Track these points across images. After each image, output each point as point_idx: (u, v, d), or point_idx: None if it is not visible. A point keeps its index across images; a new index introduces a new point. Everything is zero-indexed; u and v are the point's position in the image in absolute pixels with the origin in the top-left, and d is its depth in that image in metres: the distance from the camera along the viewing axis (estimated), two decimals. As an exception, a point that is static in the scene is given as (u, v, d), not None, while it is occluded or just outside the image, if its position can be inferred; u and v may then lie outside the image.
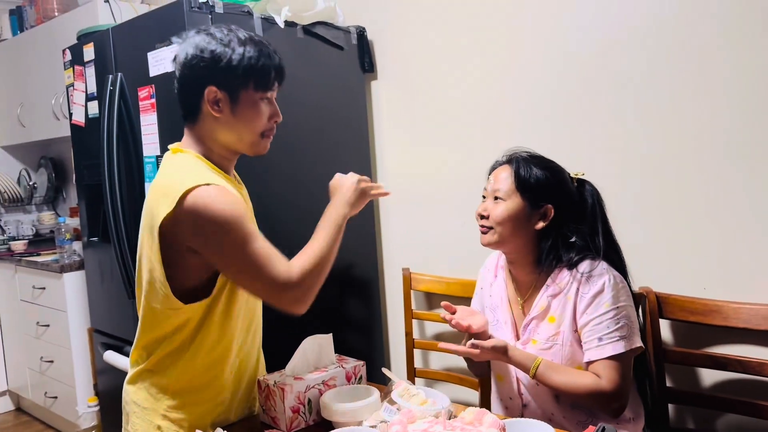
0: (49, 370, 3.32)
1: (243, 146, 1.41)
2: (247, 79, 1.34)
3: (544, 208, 1.52)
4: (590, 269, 1.49)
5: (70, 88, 2.61)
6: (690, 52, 1.77)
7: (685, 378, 1.86)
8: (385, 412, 1.42)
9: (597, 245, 1.53)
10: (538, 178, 1.52)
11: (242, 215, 1.31)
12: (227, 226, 1.28)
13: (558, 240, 1.53)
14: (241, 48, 1.34)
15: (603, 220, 1.57)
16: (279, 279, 1.31)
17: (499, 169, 1.58)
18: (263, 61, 1.36)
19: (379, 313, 2.62)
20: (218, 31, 1.36)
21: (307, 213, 2.28)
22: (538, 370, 1.45)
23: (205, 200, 1.28)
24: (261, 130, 1.40)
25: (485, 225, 1.55)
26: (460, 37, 2.27)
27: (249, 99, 1.36)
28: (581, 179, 1.60)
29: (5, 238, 3.88)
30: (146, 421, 1.45)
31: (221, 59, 1.33)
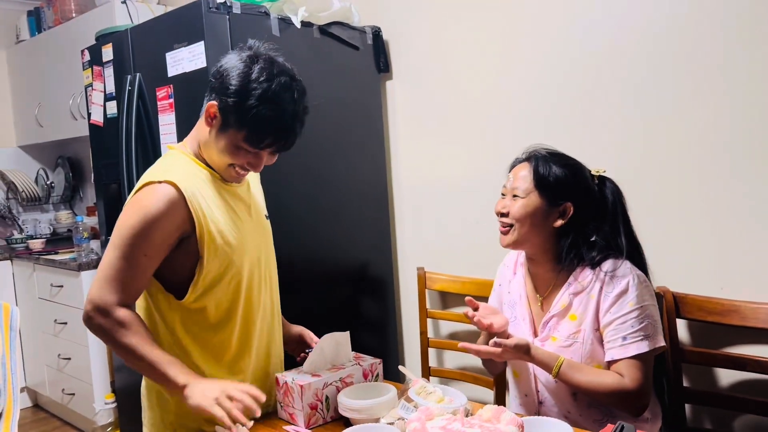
0: (66, 367, 3.36)
1: (211, 163, 1.44)
2: (242, 128, 1.35)
3: (563, 205, 1.52)
4: (614, 268, 1.48)
5: (88, 88, 2.64)
6: (715, 45, 1.77)
7: (702, 378, 1.86)
8: (402, 409, 1.43)
9: (619, 244, 1.53)
10: (557, 176, 1.52)
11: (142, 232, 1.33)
12: (121, 225, 1.35)
13: (578, 238, 1.52)
14: (257, 102, 1.31)
15: (624, 219, 1.56)
16: (92, 297, 1.35)
17: (518, 166, 1.58)
18: (267, 127, 1.34)
19: (393, 312, 2.63)
20: (259, 72, 1.33)
21: (322, 211, 2.31)
22: (560, 370, 1.45)
23: (138, 199, 1.36)
24: (229, 163, 1.41)
25: (504, 222, 1.55)
26: (474, 37, 2.28)
27: (233, 139, 1.37)
28: (602, 176, 1.59)
29: (23, 237, 3.93)
30: (156, 414, 1.51)
31: (234, 96, 1.33)
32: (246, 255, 1.47)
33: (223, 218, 1.42)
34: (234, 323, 1.48)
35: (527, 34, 2.14)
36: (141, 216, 1.33)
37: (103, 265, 1.36)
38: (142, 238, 1.33)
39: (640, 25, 1.89)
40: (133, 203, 1.37)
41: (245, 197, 1.53)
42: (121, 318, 1.34)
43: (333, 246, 2.37)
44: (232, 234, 1.43)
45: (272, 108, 1.33)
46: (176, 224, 1.36)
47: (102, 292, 1.34)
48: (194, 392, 1.30)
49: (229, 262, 1.43)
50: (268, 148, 1.39)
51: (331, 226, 2.35)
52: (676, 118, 1.84)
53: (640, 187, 1.90)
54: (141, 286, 1.39)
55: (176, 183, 1.35)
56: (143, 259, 1.35)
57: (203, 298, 1.43)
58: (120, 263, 1.34)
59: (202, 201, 1.38)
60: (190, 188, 1.37)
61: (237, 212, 1.48)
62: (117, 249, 1.34)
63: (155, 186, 1.36)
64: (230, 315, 1.47)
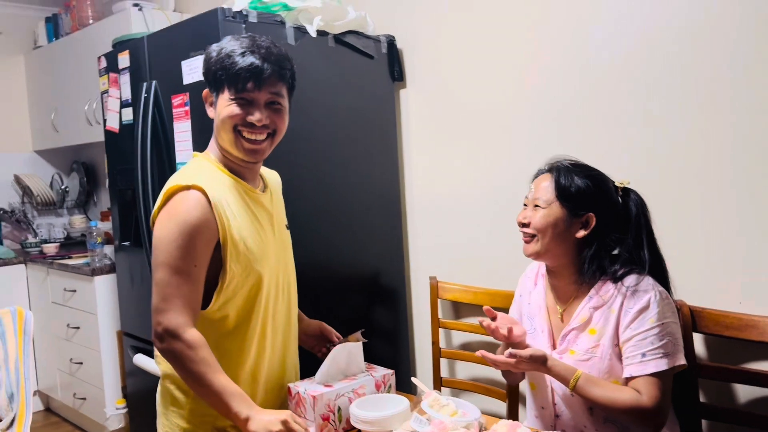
0: (78, 371, 3.37)
1: (228, 147, 1.45)
2: (221, 84, 1.41)
3: (585, 216, 1.51)
4: (636, 284, 1.47)
5: (104, 95, 2.66)
6: (737, 56, 1.75)
7: (719, 393, 1.83)
8: (415, 422, 1.42)
9: (642, 257, 1.51)
10: (579, 187, 1.50)
11: (187, 243, 1.34)
12: (165, 242, 1.35)
13: (601, 250, 1.51)
14: (216, 55, 1.41)
15: (648, 231, 1.54)
16: (161, 320, 1.35)
17: (540, 177, 1.57)
18: (234, 65, 1.38)
19: (405, 322, 2.62)
20: (224, 41, 1.44)
21: (335, 219, 2.31)
22: (578, 383, 1.43)
23: (173, 208, 1.37)
24: (232, 125, 1.41)
25: (527, 232, 1.55)
26: (489, 46, 2.27)
27: (223, 100, 1.42)
28: (626, 188, 1.57)
29: (38, 241, 3.96)
30: (170, 421, 1.51)
31: (205, 65, 1.44)
32: (267, 263, 1.48)
33: (246, 225, 1.43)
34: (253, 331, 1.48)
35: (543, 42, 2.13)
36: (181, 227, 1.34)
37: (160, 286, 1.35)
38: (187, 249, 1.34)
39: (659, 33, 1.87)
40: (168, 214, 1.37)
41: (268, 206, 1.54)
42: (191, 341, 1.33)
43: (346, 255, 2.36)
44: (255, 241, 1.44)
45: (229, 51, 1.39)
46: (212, 230, 1.37)
47: (169, 315, 1.33)
48: (258, 427, 1.31)
49: (251, 269, 1.43)
50: (248, 84, 1.38)
51: (344, 235, 2.35)
52: (698, 130, 1.82)
53: (657, 199, 1.88)
54: (199, 299, 1.38)
55: (203, 188, 1.37)
56: (194, 270, 1.35)
57: (225, 306, 1.43)
58: (176, 279, 1.34)
59: (226, 207, 1.39)
60: (216, 194, 1.38)
61: (260, 220, 1.49)
62: (167, 266, 1.34)
63: (185, 193, 1.37)
64: (248, 323, 1.47)
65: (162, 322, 1.34)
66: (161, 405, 1.54)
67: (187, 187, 1.37)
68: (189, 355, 1.33)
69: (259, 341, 1.50)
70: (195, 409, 1.46)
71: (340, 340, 1.65)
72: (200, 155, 1.51)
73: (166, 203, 1.39)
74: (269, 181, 1.61)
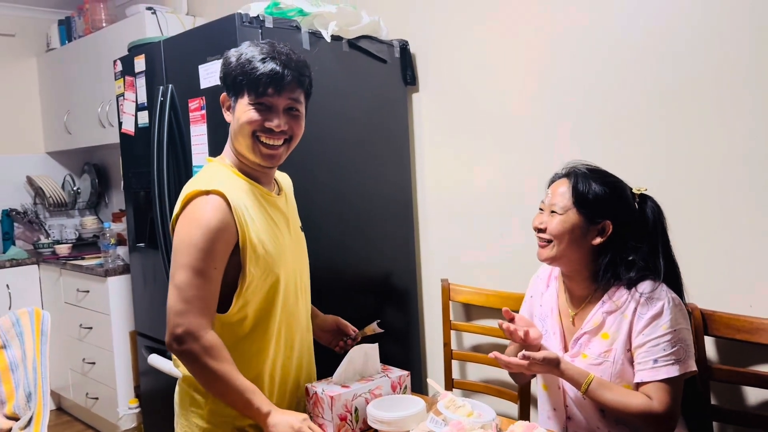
0: (91, 371, 3.41)
1: (245, 152, 1.46)
2: (241, 88, 1.42)
3: (602, 223, 1.51)
4: (650, 290, 1.48)
5: (120, 98, 2.69)
6: (737, 59, 1.77)
7: (730, 396, 1.85)
8: (431, 423, 1.44)
9: (657, 266, 1.52)
10: (597, 194, 1.51)
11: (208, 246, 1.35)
12: (186, 244, 1.37)
13: (617, 257, 1.52)
14: (235, 59, 1.42)
15: (664, 239, 1.55)
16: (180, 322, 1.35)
17: (557, 182, 1.57)
18: (254, 69, 1.40)
19: (417, 323, 2.64)
20: (243, 46, 1.45)
21: (347, 221, 2.33)
22: (590, 387, 1.45)
23: (193, 212, 1.38)
24: (251, 131, 1.43)
25: (542, 237, 1.55)
26: (501, 50, 2.30)
27: (242, 104, 1.43)
28: (643, 195, 1.57)
29: (50, 242, 4.00)
30: (189, 421, 1.52)
31: (223, 69, 1.45)
32: (284, 265, 1.49)
33: (263, 228, 1.45)
34: (270, 333, 1.49)
35: (557, 46, 2.15)
36: (203, 230, 1.35)
37: (179, 287, 1.36)
38: (208, 251, 1.35)
39: (677, 35, 1.89)
40: (189, 218, 1.39)
41: (284, 209, 1.55)
42: (210, 342, 1.35)
43: (358, 256, 2.39)
44: (272, 244, 1.46)
45: (249, 56, 1.42)
46: (232, 233, 1.38)
47: (189, 316, 1.35)
48: (279, 421, 1.35)
49: (270, 272, 1.45)
50: (269, 89, 1.40)
51: (356, 237, 2.37)
52: (712, 135, 1.84)
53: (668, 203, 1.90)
54: (216, 301, 1.40)
55: (223, 192, 1.38)
56: (214, 273, 1.37)
57: (244, 309, 1.45)
58: (196, 281, 1.35)
59: (245, 211, 1.41)
60: (234, 198, 1.40)
61: (276, 223, 1.51)
62: (188, 268, 1.35)
63: (205, 198, 1.39)
64: (267, 324, 1.49)
65: (182, 323, 1.35)
66: (180, 406, 1.55)
67: (207, 192, 1.39)
68: (210, 355, 1.35)
69: (276, 342, 1.51)
70: (214, 409, 1.48)
71: (357, 333, 1.67)
72: (215, 160, 1.53)
73: (184, 208, 1.41)
74: (282, 184, 1.63)
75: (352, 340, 1.65)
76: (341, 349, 1.66)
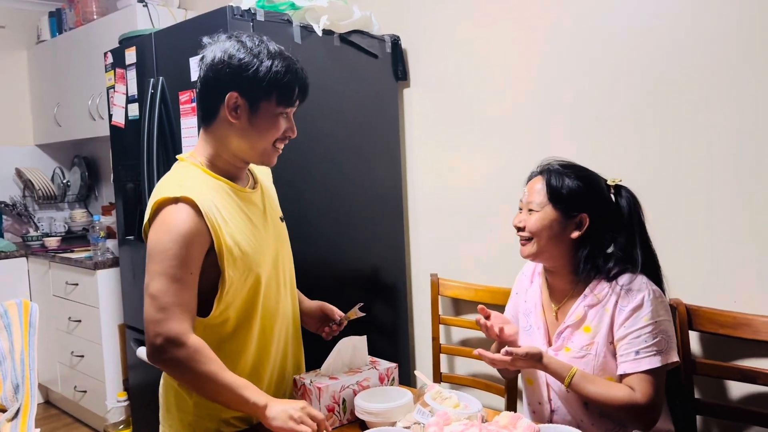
0: (79, 364, 3.40)
1: (253, 154, 1.43)
2: (271, 91, 1.37)
3: (578, 217, 1.54)
4: (630, 282, 1.50)
5: (110, 90, 2.68)
6: (723, 56, 1.79)
7: (713, 390, 1.87)
8: (418, 414, 1.45)
9: (634, 256, 1.54)
10: (570, 188, 1.53)
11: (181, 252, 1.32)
12: (158, 252, 1.33)
13: (594, 249, 1.54)
14: (269, 61, 1.36)
15: (641, 229, 1.57)
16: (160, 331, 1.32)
17: (533, 180, 1.60)
18: (289, 77, 1.37)
19: (406, 318, 2.65)
20: (249, 40, 1.38)
21: (337, 216, 2.34)
22: (573, 380, 1.47)
23: (164, 221, 1.34)
24: (274, 140, 1.42)
25: (522, 236, 1.58)
26: (492, 47, 2.31)
27: (269, 111, 1.38)
28: (618, 185, 1.60)
29: (39, 234, 3.98)
30: (174, 415, 1.51)
31: (248, 68, 1.35)
32: (264, 262, 1.47)
33: (238, 228, 1.41)
34: (253, 331, 1.48)
35: (545, 44, 2.17)
36: (174, 235, 1.32)
37: (154, 296, 1.33)
38: (182, 258, 1.32)
39: (655, 33, 1.91)
40: (159, 227, 1.35)
41: (258, 202, 1.52)
42: (193, 346, 1.32)
43: (347, 251, 2.40)
44: (249, 242, 1.43)
45: (282, 62, 1.37)
46: (205, 238, 1.35)
47: (169, 324, 1.31)
48: (277, 413, 1.32)
49: (249, 272, 1.43)
50: (298, 99, 1.41)
51: (346, 232, 2.38)
52: (689, 129, 1.87)
53: (654, 198, 1.92)
54: (195, 304, 1.37)
55: (192, 198, 1.34)
56: (191, 278, 1.34)
57: (226, 311, 1.42)
58: (173, 287, 1.32)
59: (217, 213, 1.37)
60: (206, 202, 1.36)
61: (252, 219, 1.47)
62: (163, 275, 1.32)
63: (174, 207, 1.34)
64: (249, 322, 1.47)
65: (161, 332, 1.31)
66: (165, 400, 1.54)
67: (176, 200, 1.34)
68: (196, 359, 1.32)
69: (260, 338, 1.50)
70: (200, 402, 1.47)
71: (342, 318, 1.66)
72: (186, 159, 1.47)
73: (155, 216, 1.36)
74: (258, 175, 1.59)
75: (337, 325, 1.64)
76: (327, 335, 1.64)
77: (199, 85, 1.42)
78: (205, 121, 1.43)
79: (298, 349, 1.66)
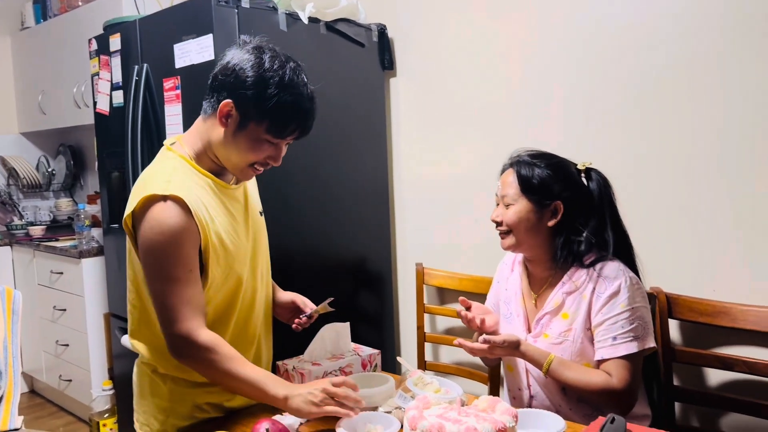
0: (64, 353, 3.39)
1: (228, 165, 1.41)
2: (264, 118, 1.33)
3: (552, 205, 1.55)
4: (607, 270, 1.52)
5: (95, 77, 2.66)
6: (709, 49, 1.81)
7: (692, 377, 1.90)
8: (399, 399, 1.46)
9: (606, 238, 1.56)
10: (542, 178, 1.55)
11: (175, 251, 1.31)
12: (153, 255, 1.32)
13: (571, 235, 1.56)
14: (275, 89, 1.31)
15: (611, 210, 1.58)
16: (173, 331, 1.32)
17: (505, 173, 1.62)
18: (290, 112, 1.33)
19: (391, 307, 2.66)
20: (270, 61, 1.33)
21: (323, 205, 2.35)
22: (551, 367, 1.49)
23: (154, 219, 1.31)
24: (251, 162, 1.39)
25: (501, 230, 1.59)
26: (479, 37, 2.31)
27: (255, 134, 1.34)
28: (588, 168, 1.61)
29: (23, 223, 3.95)
30: (149, 401, 1.51)
31: (251, 88, 1.31)
32: (243, 258, 1.47)
33: (222, 226, 1.40)
34: (230, 324, 1.47)
35: (532, 34, 2.17)
36: (168, 236, 1.30)
37: (161, 299, 1.32)
38: (178, 256, 1.31)
39: (643, 26, 1.92)
40: (150, 227, 1.32)
41: (240, 197, 1.51)
42: (207, 342, 1.32)
43: (333, 240, 2.40)
44: (231, 240, 1.42)
45: (291, 93, 1.32)
46: (196, 235, 1.34)
47: (179, 324, 1.31)
48: (298, 404, 1.31)
49: (230, 270, 1.42)
50: (291, 136, 1.37)
51: (332, 221, 2.39)
52: (673, 121, 1.88)
53: (636, 189, 1.94)
54: (202, 298, 1.36)
55: (182, 197, 1.31)
56: (191, 275, 1.33)
57: (206, 306, 1.41)
58: (174, 288, 1.31)
59: (204, 211, 1.36)
60: (193, 200, 1.34)
61: (234, 215, 1.46)
62: (164, 279, 1.32)
63: (162, 204, 1.31)
64: (227, 317, 1.47)
65: (173, 333, 1.32)
66: (139, 386, 1.53)
67: (164, 197, 1.31)
68: (211, 357, 1.32)
69: (234, 331, 1.49)
70: (175, 388, 1.47)
71: (313, 311, 1.64)
72: (174, 150, 1.43)
73: (142, 212, 1.33)
74: None
75: (308, 317, 1.62)
76: (297, 327, 1.63)
77: (211, 77, 1.39)
78: (205, 112, 1.40)
79: (269, 339, 1.64)
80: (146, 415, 1.51)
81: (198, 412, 1.48)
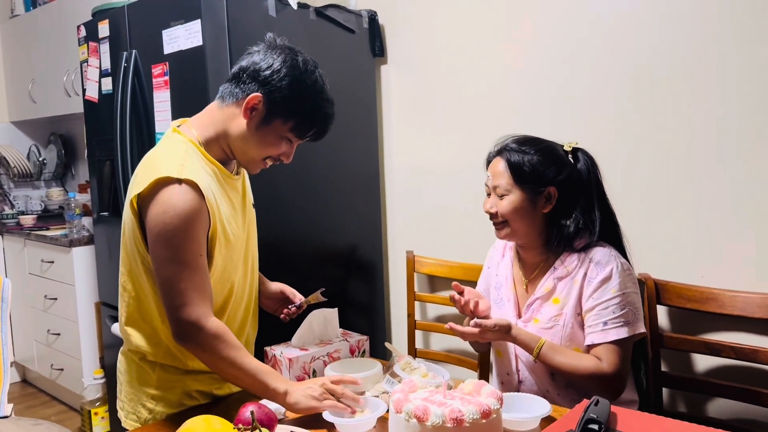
0: (55, 342, 3.38)
1: (241, 157, 1.42)
2: (291, 117, 1.37)
3: (546, 191, 1.54)
4: (599, 255, 1.52)
5: (84, 64, 2.64)
6: (705, 43, 1.80)
7: (680, 363, 1.91)
8: (387, 383, 1.47)
9: (593, 218, 1.55)
10: (533, 165, 1.53)
11: (188, 235, 1.30)
12: (165, 238, 1.30)
13: (564, 219, 1.55)
14: (309, 93, 1.38)
15: (598, 189, 1.58)
16: (180, 316, 1.32)
17: (493, 162, 1.60)
18: (316, 116, 1.40)
19: (382, 294, 2.66)
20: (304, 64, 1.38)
21: (314, 194, 2.34)
22: (541, 351, 1.49)
23: (166, 202, 1.29)
24: (266, 156, 1.42)
25: (496, 222, 1.58)
26: (470, 24, 2.30)
27: (278, 130, 1.38)
28: (575, 148, 1.60)
29: (14, 212, 3.94)
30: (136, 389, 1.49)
31: (287, 88, 1.35)
32: (240, 248, 1.48)
33: (225, 215, 1.41)
34: (224, 315, 1.47)
35: (523, 22, 2.17)
36: (181, 219, 1.29)
37: (171, 282, 1.31)
38: (191, 240, 1.31)
39: (635, 16, 1.92)
40: (164, 210, 1.30)
41: (239, 188, 1.51)
42: (214, 331, 1.32)
43: (324, 229, 2.39)
44: (232, 230, 1.43)
45: (321, 98, 1.39)
46: (206, 221, 1.34)
47: (189, 309, 1.30)
48: (298, 398, 1.33)
49: (229, 259, 1.43)
50: (310, 137, 1.43)
51: (323, 209, 2.38)
52: (664, 109, 1.88)
53: (625, 177, 1.94)
54: (210, 286, 1.36)
55: (196, 182, 1.31)
56: (201, 260, 1.33)
57: None
58: (186, 273, 1.30)
59: (213, 198, 1.36)
60: (205, 185, 1.34)
61: (234, 205, 1.47)
62: (174, 262, 1.30)
63: (176, 187, 1.30)
64: (224, 307, 1.47)
65: (181, 318, 1.31)
66: (127, 375, 1.52)
67: (179, 180, 1.30)
68: (217, 344, 1.32)
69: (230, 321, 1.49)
70: (163, 376, 1.46)
71: (302, 301, 1.65)
72: (183, 134, 1.41)
73: (152, 194, 1.31)
74: None
75: (297, 308, 1.62)
76: (286, 317, 1.63)
77: (238, 68, 1.39)
78: (225, 99, 1.39)
79: (254, 329, 1.63)
80: (133, 403, 1.49)
81: (187, 399, 1.48)
